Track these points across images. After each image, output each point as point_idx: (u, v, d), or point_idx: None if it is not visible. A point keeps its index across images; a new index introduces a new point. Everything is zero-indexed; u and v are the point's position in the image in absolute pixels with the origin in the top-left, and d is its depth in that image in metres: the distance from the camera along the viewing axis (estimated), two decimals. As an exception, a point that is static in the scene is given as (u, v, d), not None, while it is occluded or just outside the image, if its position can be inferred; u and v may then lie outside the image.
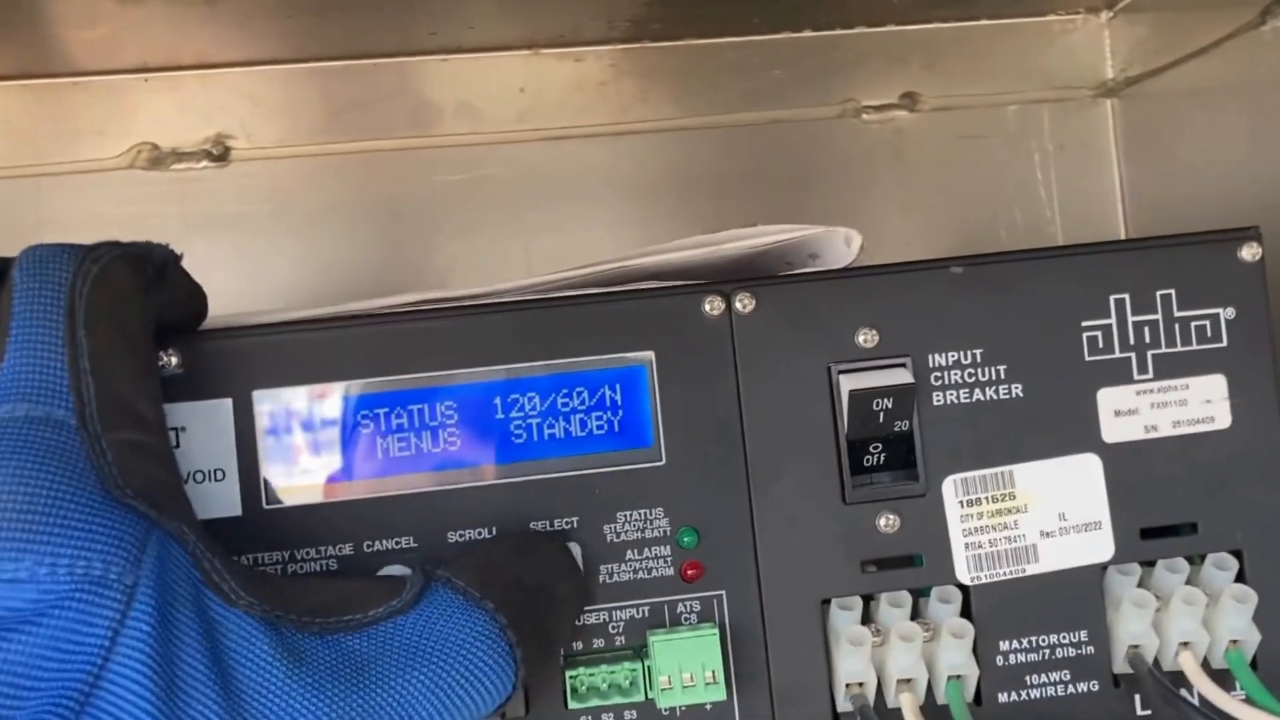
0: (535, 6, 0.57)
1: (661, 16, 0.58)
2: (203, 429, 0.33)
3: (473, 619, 0.30)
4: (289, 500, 0.34)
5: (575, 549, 0.35)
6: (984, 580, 0.36)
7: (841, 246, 0.37)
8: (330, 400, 0.34)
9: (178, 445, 0.33)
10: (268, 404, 0.34)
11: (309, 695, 0.27)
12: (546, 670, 0.33)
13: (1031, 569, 0.36)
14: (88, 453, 0.27)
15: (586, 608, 0.35)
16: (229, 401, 0.33)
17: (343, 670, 0.27)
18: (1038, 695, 0.36)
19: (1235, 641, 0.35)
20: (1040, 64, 0.64)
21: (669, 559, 0.35)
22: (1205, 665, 0.35)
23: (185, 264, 0.33)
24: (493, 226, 0.61)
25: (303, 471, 0.34)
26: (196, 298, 0.34)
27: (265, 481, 0.34)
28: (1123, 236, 0.64)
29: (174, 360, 0.33)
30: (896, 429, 0.35)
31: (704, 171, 0.63)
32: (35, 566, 0.25)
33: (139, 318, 0.30)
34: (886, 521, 0.35)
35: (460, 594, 0.30)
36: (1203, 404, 0.36)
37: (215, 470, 0.33)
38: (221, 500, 0.33)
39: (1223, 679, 0.35)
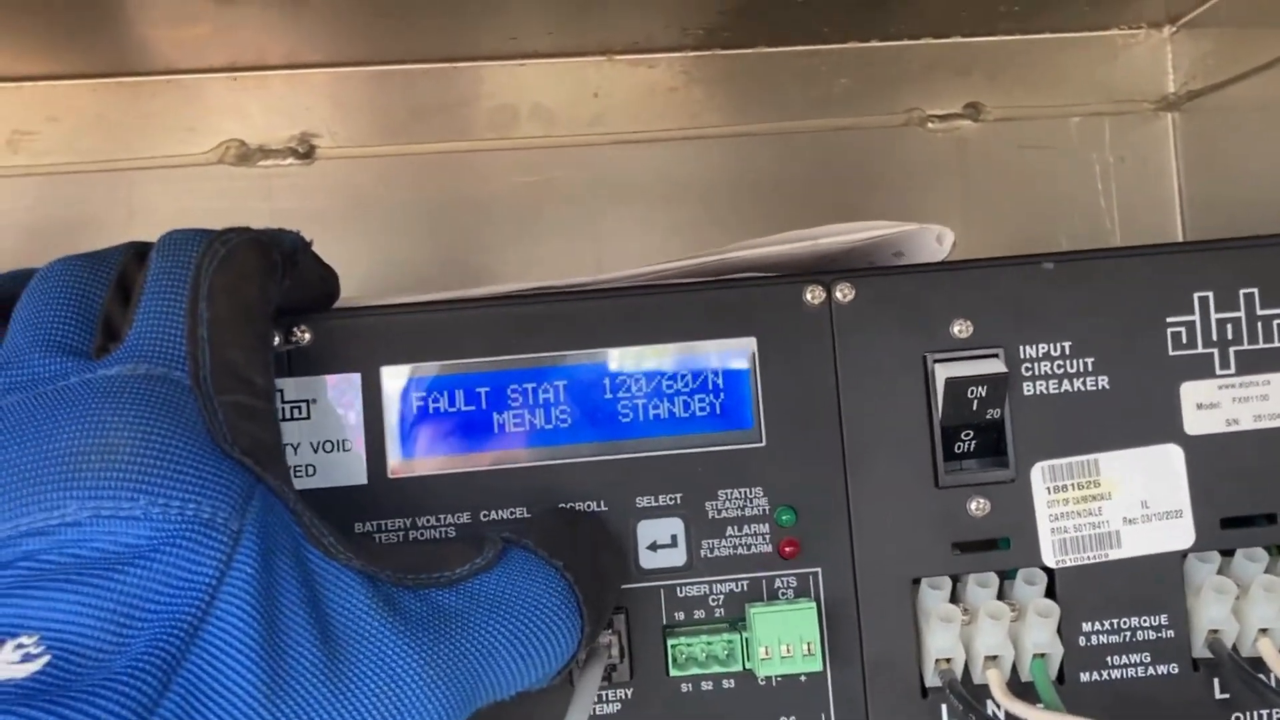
0: (610, 13, 0.59)
1: (734, 24, 0.60)
2: (333, 401, 0.35)
3: (548, 576, 0.32)
4: (411, 471, 0.36)
5: (678, 523, 0.36)
6: (1068, 564, 0.37)
7: (933, 244, 0.39)
8: (451, 377, 0.36)
9: (308, 416, 0.35)
10: (394, 379, 0.35)
11: (402, 641, 0.28)
12: (598, 634, 0.35)
13: (1114, 554, 0.37)
14: (200, 409, 0.29)
15: (687, 579, 0.36)
16: (358, 376, 0.35)
17: (433, 621, 0.29)
18: (1119, 675, 0.37)
19: (1313, 629, 0.36)
20: (1102, 77, 0.65)
21: (767, 536, 0.36)
22: (1283, 651, 0.36)
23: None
24: (564, 227, 0.63)
25: (424, 443, 0.36)
26: (327, 280, 0.36)
27: (390, 452, 0.35)
28: (1182, 248, 0.65)
29: (307, 336, 0.35)
30: (988, 417, 0.37)
31: (769, 177, 0.64)
32: (149, 506, 0.27)
33: (259, 296, 0.32)
34: (977, 505, 0.37)
35: (533, 553, 0.32)
36: (1283, 399, 0.37)
37: (343, 440, 0.35)
38: (348, 469, 0.35)
39: (1300, 665, 0.36)
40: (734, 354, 0.37)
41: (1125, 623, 0.37)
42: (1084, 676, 0.37)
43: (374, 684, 0.27)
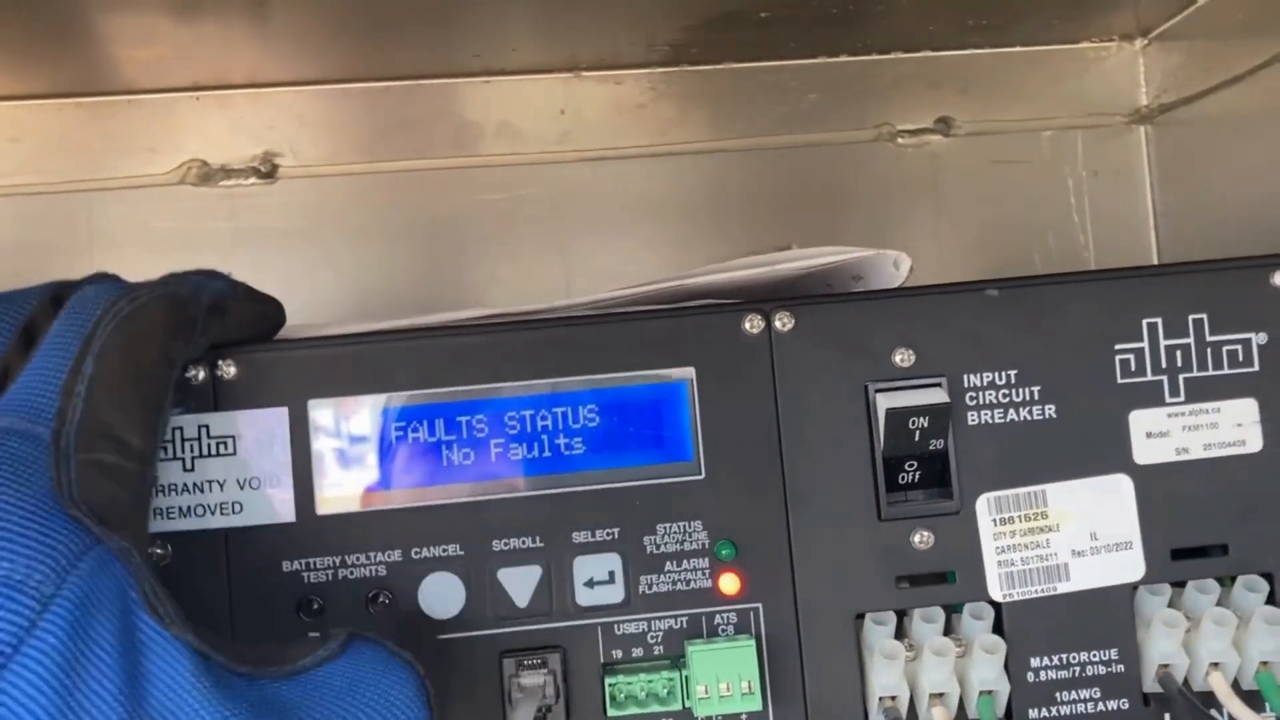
0: (577, 30, 0.58)
1: (700, 41, 0.59)
2: (258, 437, 0.35)
3: (396, 668, 0.31)
4: (340, 508, 0.35)
5: (615, 559, 0.35)
6: (1016, 597, 0.36)
7: (890, 269, 0.38)
8: (381, 410, 0.35)
9: (234, 452, 0.35)
10: (322, 413, 0.35)
11: None
12: None
13: (1063, 587, 0.36)
14: (50, 466, 0.28)
15: (625, 617, 0.35)
16: (285, 410, 0.35)
17: (264, 709, 0.28)
18: (1068, 712, 0.36)
19: (1266, 663, 0.35)
20: (1074, 90, 0.65)
21: (707, 571, 0.36)
22: (1235, 686, 0.36)
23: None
24: (532, 245, 0.62)
25: (354, 480, 0.35)
26: (266, 316, 0.35)
27: (318, 489, 0.35)
28: (1155, 262, 0.64)
29: (231, 370, 0.34)
30: (931, 447, 0.36)
31: (739, 193, 0.63)
32: None
33: (157, 355, 0.31)
34: (921, 538, 0.36)
35: (382, 646, 0.31)
36: (1234, 427, 0.37)
37: (271, 477, 0.34)
38: (275, 506, 0.35)
39: (1253, 700, 0.35)
40: (672, 385, 0.36)
41: (1075, 657, 0.36)
42: (1032, 713, 0.36)
43: None
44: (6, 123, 0.59)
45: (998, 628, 0.36)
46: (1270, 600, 0.37)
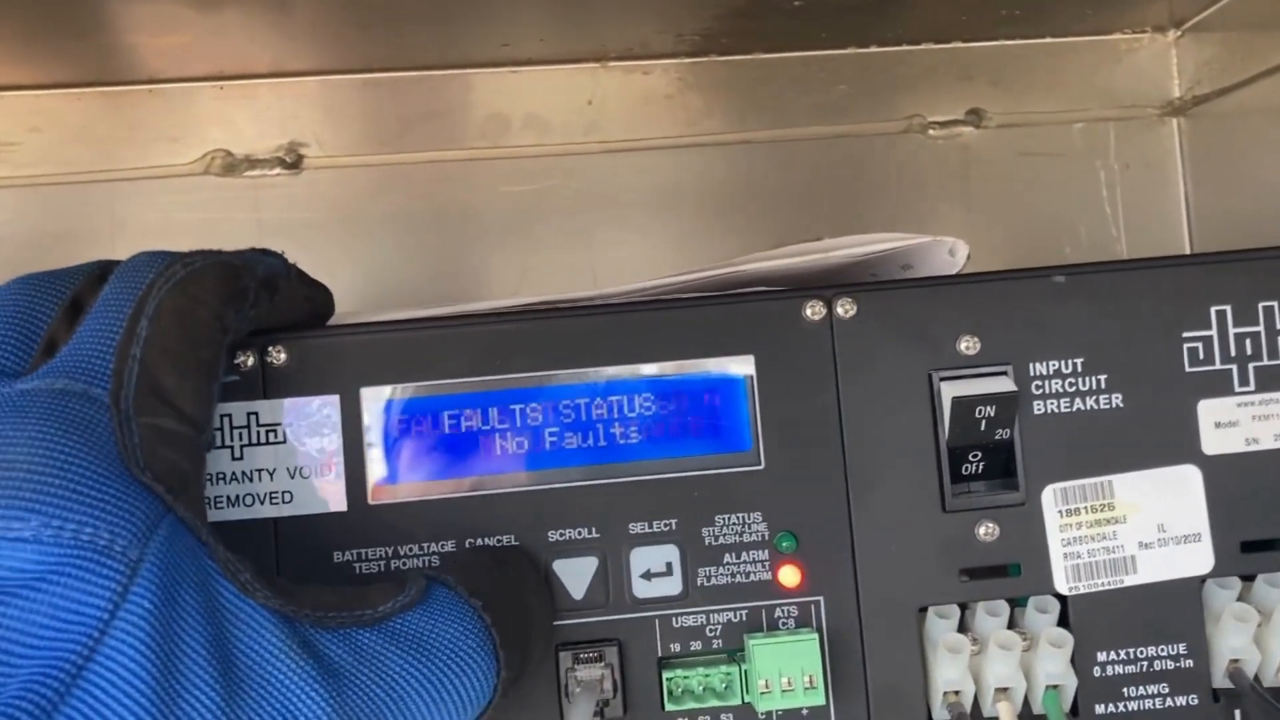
0: (604, 20, 0.57)
1: (730, 30, 0.59)
2: (309, 424, 0.34)
3: (465, 615, 0.30)
4: (393, 497, 0.34)
5: (673, 550, 0.35)
6: (1082, 590, 0.35)
7: (945, 256, 0.38)
8: (434, 399, 0.34)
9: (284, 440, 0.34)
10: (375, 401, 0.34)
11: (310, 688, 0.27)
12: (519, 678, 0.33)
13: (1130, 580, 0.35)
14: (114, 429, 0.27)
15: (683, 609, 0.35)
16: (337, 397, 0.34)
17: (348, 664, 0.28)
18: (1135, 708, 0.35)
19: (1338, 657, 0.35)
20: (1106, 82, 0.64)
21: (767, 563, 0.35)
22: (1307, 682, 0.35)
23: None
24: (558, 236, 0.61)
25: (407, 469, 0.34)
26: (315, 300, 0.34)
27: (370, 477, 0.34)
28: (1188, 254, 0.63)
29: (281, 356, 0.34)
30: (997, 437, 0.35)
31: (768, 185, 0.63)
32: (41, 527, 0.25)
33: (211, 322, 0.30)
34: (985, 530, 0.35)
35: (454, 591, 0.31)
36: (1305, 417, 0.36)
37: (321, 465, 0.34)
38: (327, 495, 0.34)
39: (1324, 695, 0.34)
40: (731, 372, 0.35)
41: (1142, 652, 0.35)
42: (1099, 708, 0.35)
43: None
44: (28, 112, 0.58)
45: (1063, 621, 0.35)
46: (1342, 593, 0.36)
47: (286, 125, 0.60)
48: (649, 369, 0.35)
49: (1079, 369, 0.36)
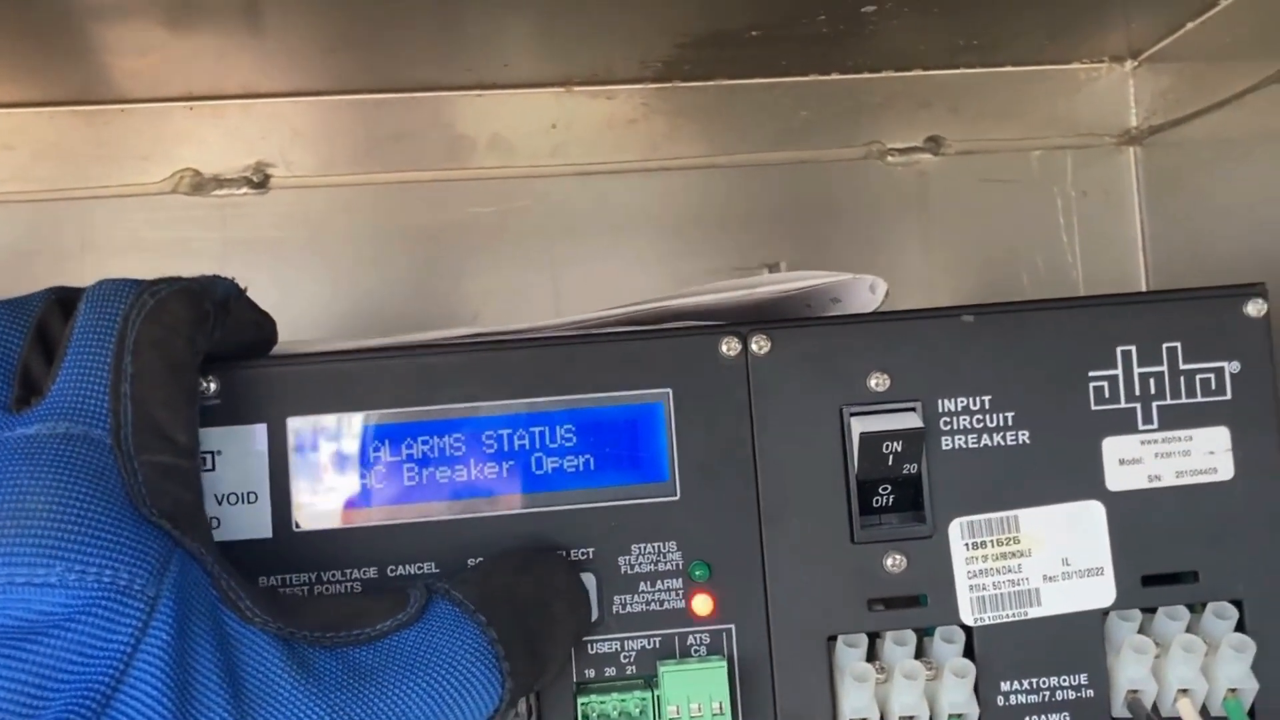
0: (570, 45, 0.58)
1: (693, 57, 0.60)
2: (237, 453, 0.35)
3: (467, 633, 0.31)
4: (317, 524, 0.35)
5: (590, 579, 0.36)
6: (987, 622, 0.36)
7: (866, 293, 0.39)
8: (360, 429, 0.35)
9: (213, 468, 0.35)
10: (301, 431, 0.35)
11: (313, 704, 0.28)
12: (542, 684, 0.34)
13: (1034, 612, 0.36)
14: (119, 471, 0.29)
15: (598, 636, 0.36)
16: (264, 427, 0.35)
17: (347, 681, 0.29)
18: (1038, 736, 0.36)
19: (1233, 690, 0.36)
20: (1064, 111, 0.65)
21: (680, 592, 0.36)
22: (1204, 712, 0.36)
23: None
24: (522, 259, 0.62)
25: (331, 496, 0.35)
26: (262, 327, 0.36)
27: (295, 505, 0.35)
28: (1143, 283, 0.64)
29: (213, 387, 0.35)
30: (905, 471, 0.36)
31: (730, 209, 0.64)
32: (65, 573, 0.27)
33: (186, 349, 0.31)
34: (893, 561, 0.36)
35: (457, 606, 0.32)
36: (1206, 455, 0.37)
37: (248, 493, 0.35)
38: (253, 522, 0.35)
39: (1220, 726, 0.35)
40: (649, 405, 0.36)
41: (1045, 682, 0.36)
42: (1002, 737, 0.36)
43: None
44: (0, 130, 0.59)
45: (969, 651, 0.36)
46: (1239, 627, 0.37)
47: (255, 145, 0.61)
48: (569, 401, 0.36)
49: (986, 406, 0.37)
